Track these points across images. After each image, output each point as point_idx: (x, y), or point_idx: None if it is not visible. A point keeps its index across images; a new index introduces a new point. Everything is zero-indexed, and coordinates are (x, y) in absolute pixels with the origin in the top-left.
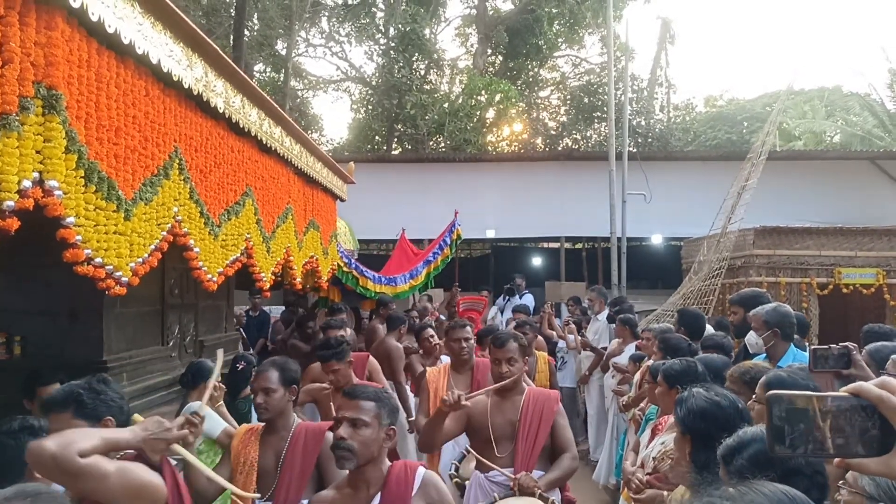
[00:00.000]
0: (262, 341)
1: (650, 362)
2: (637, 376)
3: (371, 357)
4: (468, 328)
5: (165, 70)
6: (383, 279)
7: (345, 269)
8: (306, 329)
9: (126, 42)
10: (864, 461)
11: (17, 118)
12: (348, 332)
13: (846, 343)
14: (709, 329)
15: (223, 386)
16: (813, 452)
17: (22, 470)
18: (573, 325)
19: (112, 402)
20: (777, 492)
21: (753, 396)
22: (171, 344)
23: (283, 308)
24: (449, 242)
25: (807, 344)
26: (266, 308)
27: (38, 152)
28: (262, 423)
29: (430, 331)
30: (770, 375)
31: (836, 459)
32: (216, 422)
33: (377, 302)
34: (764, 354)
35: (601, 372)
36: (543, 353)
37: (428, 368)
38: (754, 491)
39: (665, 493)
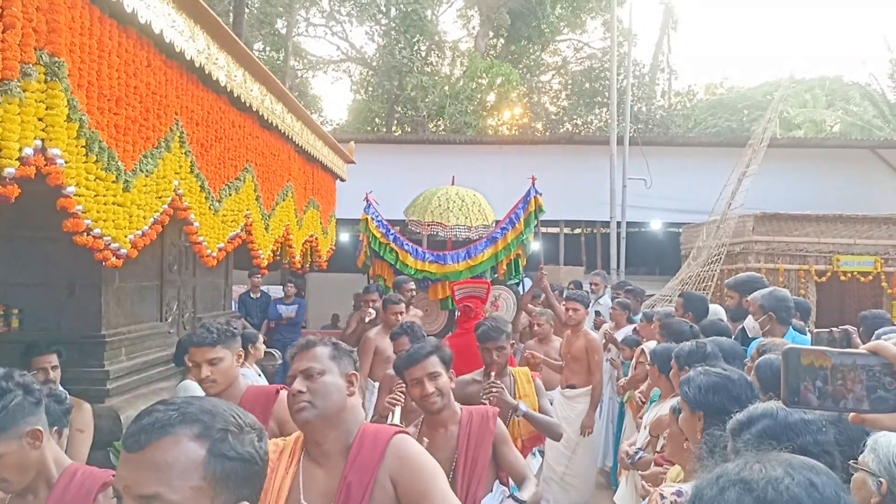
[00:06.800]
0: (265, 322)
1: (646, 345)
2: (633, 360)
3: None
4: (505, 335)
5: (167, 41)
6: (428, 255)
7: (382, 240)
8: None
9: (129, 11)
10: (879, 417)
11: (19, 84)
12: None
13: (846, 326)
14: (717, 310)
15: None
16: (826, 407)
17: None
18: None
19: None
20: (795, 459)
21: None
22: (169, 320)
23: (281, 286)
24: (522, 216)
25: (807, 329)
26: (264, 288)
27: (39, 119)
28: None
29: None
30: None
31: (852, 415)
32: None
33: (393, 284)
34: (762, 338)
35: None
36: (524, 370)
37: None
38: (774, 460)
39: (667, 468)
